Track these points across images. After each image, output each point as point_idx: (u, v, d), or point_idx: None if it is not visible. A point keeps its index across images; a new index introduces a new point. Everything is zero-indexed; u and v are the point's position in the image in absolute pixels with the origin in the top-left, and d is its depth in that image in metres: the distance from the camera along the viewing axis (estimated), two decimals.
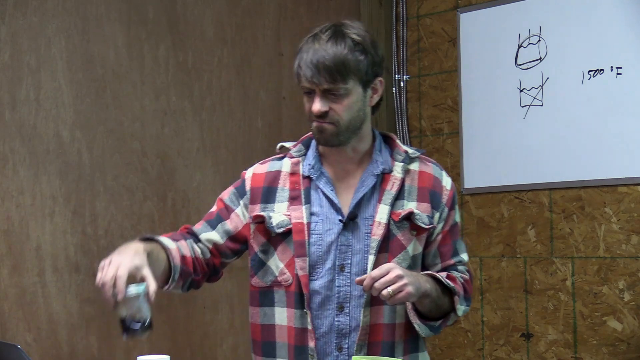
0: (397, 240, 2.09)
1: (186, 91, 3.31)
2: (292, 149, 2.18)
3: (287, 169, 2.15)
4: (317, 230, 2.09)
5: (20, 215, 2.86)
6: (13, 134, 2.86)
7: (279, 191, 2.14)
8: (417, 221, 2.10)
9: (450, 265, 2.18)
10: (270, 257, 2.12)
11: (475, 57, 3.80)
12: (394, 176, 2.12)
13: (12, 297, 2.82)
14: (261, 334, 2.15)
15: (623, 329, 3.39)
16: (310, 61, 2.02)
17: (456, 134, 3.85)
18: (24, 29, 2.89)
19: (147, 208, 3.17)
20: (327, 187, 2.11)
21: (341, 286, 2.07)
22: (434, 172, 2.19)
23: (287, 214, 2.10)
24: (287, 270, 2.09)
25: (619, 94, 3.41)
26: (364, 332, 2.06)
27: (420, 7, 3.99)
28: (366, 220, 2.09)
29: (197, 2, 3.36)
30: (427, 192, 2.14)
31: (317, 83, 2.02)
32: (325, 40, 2.03)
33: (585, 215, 3.50)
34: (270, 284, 2.12)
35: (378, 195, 2.10)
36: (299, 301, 2.08)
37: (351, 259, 2.08)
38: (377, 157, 2.13)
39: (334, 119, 2.04)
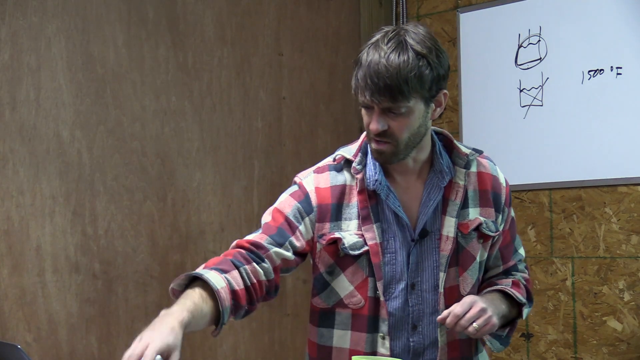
0: (467, 252, 2.01)
1: (186, 91, 3.31)
2: (354, 161, 2.02)
3: (353, 184, 2.01)
4: (390, 249, 1.99)
5: (20, 215, 2.86)
6: (13, 134, 2.86)
7: (346, 207, 2.00)
8: (484, 230, 2.02)
9: (512, 266, 2.12)
10: (335, 277, 2.01)
11: (475, 57, 3.80)
12: (457, 184, 2.01)
13: (12, 297, 2.82)
14: (317, 353, 2.07)
15: (623, 329, 3.39)
16: (370, 77, 1.87)
17: (456, 134, 3.85)
18: (24, 29, 2.89)
19: (147, 208, 3.17)
20: (395, 203, 1.99)
21: (414, 305, 2.00)
22: (491, 170, 2.09)
23: (359, 234, 1.98)
24: (357, 293, 1.98)
25: (619, 94, 3.41)
26: (443, 352, 2.00)
27: (420, 7, 3.99)
28: (432, 234, 2.00)
29: (197, 2, 3.36)
30: (489, 195, 2.05)
31: (377, 102, 1.88)
32: (386, 52, 1.87)
33: (585, 215, 3.50)
34: (333, 305, 2.02)
35: (442, 206, 2.00)
36: (372, 324, 1.98)
37: (421, 276, 2.00)
38: (441, 167, 2.01)
39: (393, 138, 1.91)
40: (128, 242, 3.11)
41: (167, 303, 3.26)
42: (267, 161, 3.54)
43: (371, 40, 1.93)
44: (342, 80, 3.93)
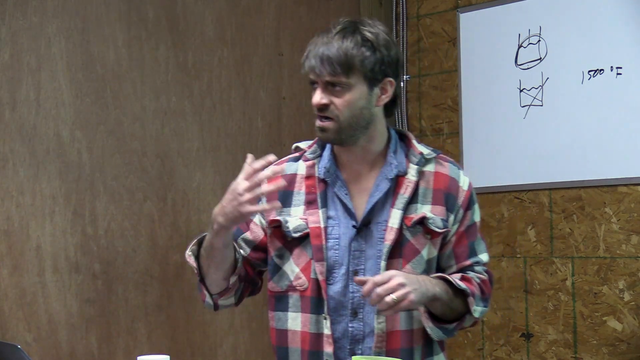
0: (411, 245, 2.05)
1: (186, 91, 3.31)
2: (308, 151, 2.13)
3: (303, 172, 2.11)
4: (333, 235, 2.05)
5: (20, 215, 2.86)
6: (13, 134, 2.86)
7: (295, 195, 2.10)
8: (430, 225, 2.06)
9: (467, 266, 2.13)
10: (285, 261, 2.09)
11: (475, 57, 3.80)
12: (408, 179, 2.07)
13: (12, 297, 2.82)
14: (276, 337, 2.13)
15: (623, 329, 3.39)
16: (315, 53, 1.99)
17: (456, 134, 3.85)
18: (24, 29, 2.89)
19: (147, 208, 3.17)
20: (342, 191, 2.07)
21: (355, 292, 2.04)
22: (450, 172, 2.13)
23: (304, 218, 2.06)
24: (302, 275, 2.06)
25: (619, 94, 3.41)
26: (380, 340, 2.03)
27: (420, 7, 3.99)
28: (379, 225, 2.05)
29: (197, 2, 3.36)
30: (442, 195, 2.09)
31: (319, 74, 1.99)
32: (334, 34, 2.00)
33: (585, 215, 3.50)
34: (286, 289, 2.09)
35: (392, 199, 2.06)
36: (315, 306, 2.05)
37: (365, 264, 2.05)
38: (392, 160, 2.08)
39: (334, 114, 2.00)
40: (128, 242, 3.11)
41: (167, 303, 3.28)
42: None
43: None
44: None
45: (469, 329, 3.78)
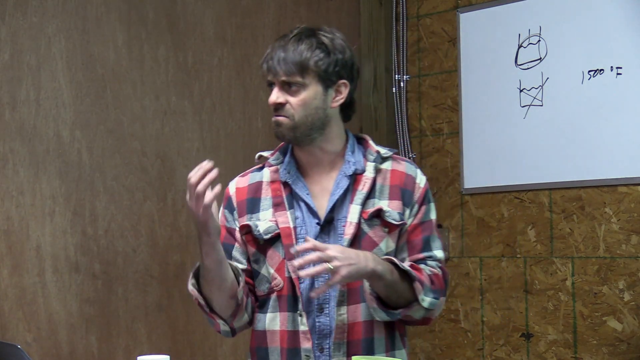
0: (369, 238, 2.13)
1: (186, 91, 3.31)
2: (270, 158, 2.22)
3: (267, 178, 2.20)
4: (302, 234, 2.13)
5: (20, 215, 2.86)
6: (13, 134, 2.86)
7: (263, 200, 2.18)
8: (387, 218, 2.13)
9: (419, 259, 2.17)
10: (262, 265, 2.17)
11: (475, 57, 3.80)
12: (366, 176, 2.16)
13: (12, 297, 2.82)
14: (255, 340, 2.19)
15: (623, 329, 3.39)
16: (272, 54, 2.10)
17: (456, 134, 3.85)
18: (24, 29, 2.89)
19: (147, 208, 3.17)
20: (303, 191, 2.16)
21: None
22: (406, 170, 2.21)
23: (273, 220, 2.14)
24: (277, 275, 2.13)
25: (619, 94, 3.41)
26: (341, 331, 2.10)
27: (420, 7, 3.99)
28: (340, 221, 2.13)
29: (197, 2, 3.36)
30: (399, 190, 2.17)
31: (275, 74, 2.09)
32: (290, 37, 2.11)
33: (585, 215, 3.50)
34: (267, 292, 2.16)
35: (351, 196, 2.14)
36: (292, 304, 2.12)
37: None
38: (349, 159, 2.17)
39: (289, 113, 2.09)
40: (128, 242, 3.11)
41: (167, 303, 3.28)
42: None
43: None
44: None
45: (469, 329, 3.78)
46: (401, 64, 4.01)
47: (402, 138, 3.98)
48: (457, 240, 3.84)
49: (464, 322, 3.81)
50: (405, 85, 4.01)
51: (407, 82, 4.01)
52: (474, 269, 3.78)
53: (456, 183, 3.86)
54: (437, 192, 3.91)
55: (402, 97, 4.01)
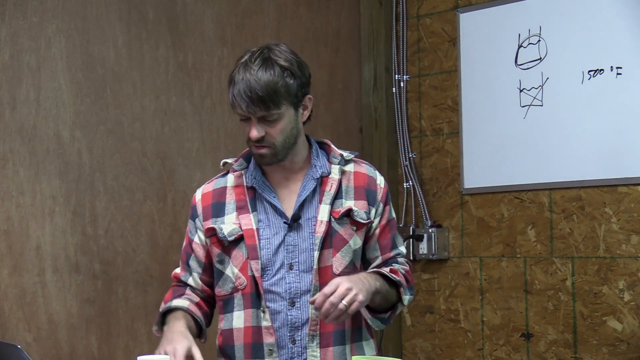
0: (339, 236, 2.25)
1: (186, 91, 3.31)
2: (235, 164, 2.32)
3: (232, 183, 2.30)
4: (264, 235, 2.24)
5: (20, 215, 2.86)
6: (13, 134, 2.86)
7: (227, 205, 2.29)
8: (355, 217, 2.27)
9: (390, 257, 2.34)
10: (226, 266, 2.27)
11: (475, 57, 3.80)
12: (332, 178, 2.28)
13: (12, 297, 2.82)
14: (222, 339, 2.31)
15: (623, 329, 3.39)
16: (244, 92, 2.19)
17: (456, 134, 3.85)
18: (24, 29, 2.89)
19: (147, 208, 3.17)
20: (270, 195, 2.27)
21: (291, 283, 2.23)
22: (367, 171, 2.35)
23: (237, 223, 2.25)
24: (241, 274, 2.24)
25: (619, 94, 3.41)
26: (314, 323, 2.22)
27: (420, 7, 3.99)
28: (309, 220, 2.25)
29: (197, 2, 3.36)
30: (363, 190, 2.30)
31: (253, 112, 2.19)
32: (255, 70, 2.20)
33: (585, 215, 3.50)
34: (231, 291, 2.27)
35: (318, 196, 2.27)
36: (255, 301, 2.23)
37: (298, 257, 2.23)
38: (316, 162, 2.29)
39: (270, 142, 2.20)
40: (128, 242, 3.11)
41: None
42: None
43: (240, 60, 2.27)
44: (342, 81, 3.93)
45: (469, 329, 3.78)
46: (401, 64, 4.01)
47: (402, 138, 3.98)
48: (457, 240, 3.84)
49: (464, 322, 3.81)
50: (405, 85, 4.01)
51: (407, 82, 4.01)
52: (474, 269, 3.78)
53: (456, 183, 3.86)
54: (437, 192, 3.91)
55: (402, 97, 4.01)
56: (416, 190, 3.93)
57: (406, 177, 3.96)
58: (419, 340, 3.93)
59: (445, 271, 3.87)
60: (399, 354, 3.93)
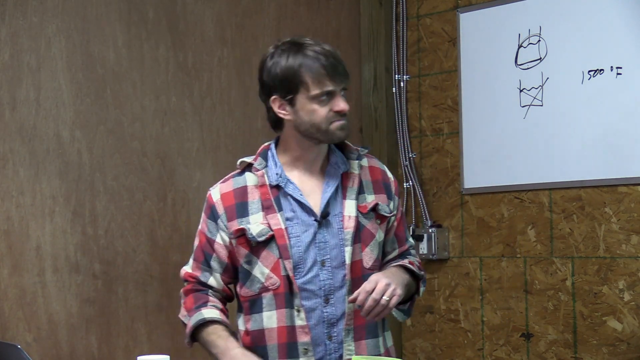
0: (367, 230, 2.27)
1: (186, 91, 3.31)
2: (255, 163, 2.30)
3: (253, 182, 2.27)
4: (294, 234, 2.23)
5: (20, 215, 2.86)
6: (13, 134, 2.86)
7: (250, 204, 2.25)
8: (380, 211, 2.30)
9: (405, 250, 2.40)
10: (254, 266, 2.25)
11: (475, 57, 3.80)
12: (352, 173, 2.29)
13: (12, 297, 2.82)
14: (251, 340, 2.27)
15: (623, 329, 3.39)
16: (332, 64, 2.19)
17: (456, 134, 3.85)
18: (24, 29, 2.89)
19: (147, 208, 3.17)
20: (296, 192, 2.25)
21: (325, 279, 2.23)
22: (379, 166, 2.38)
23: (265, 223, 2.23)
24: (273, 275, 2.22)
25: (619, 94, 3.40)
26: (350, 318, 2.23)
27: (420, 7, 3.99)
28: (336, 217, 2.25)
29: (197, 2, 3.36)
30: (381, 184, 2.34)
31: (341, 82, 2.21)
32: (317, 43, 2.22)
33: (585, 215, 3.50)
34: (259, 291, 2.24)
35: (342, 192, 2.27)
36: (288, 301, 2.21)
37: (329, 253, 2.23)
38: (336, 159, 2.30)
39: (346, 115, 2.24)
40: (128, 242, 3.11)
41: (167, 303, 3.27)
42: None
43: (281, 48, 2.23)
44: None
45: (469, 329, 3.78)
46: (401, 64, 4.01)
47: (402, 138, 3.98)
48: (457, 240, 3.84)
49: (464, 322, 3.80)
50: (405, 85, 4.01)
51: (407, 82, 4.01)
52: (474, 269, 3.78)
53: (456, 183, 3.86)
54: (437, 192, 3.91)
55: (402, 97, 4.01)
56: (416, 190, 3.93)
57: (406, 177, 3.96)
58: (419, 340, 3.93)
59: (445, 271, 3.87)
60: (399, 354, 3.93)
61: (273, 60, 2.23)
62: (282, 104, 2.24)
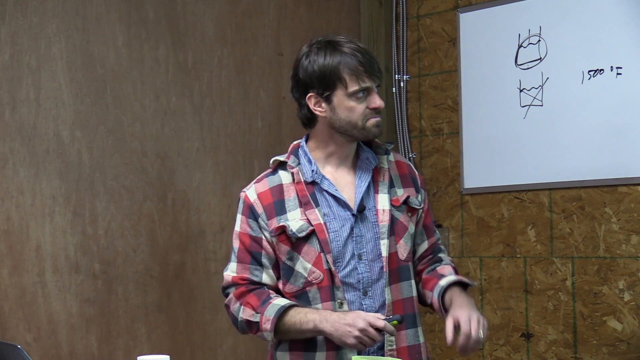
0: (400, 223, 2.31)
1: (186, 91, 3.31)
2: (289, 161, 2.32)
3: (288, 180, 2.30)
4: (332, 228, 2.26)
5: (20, 215, 2.86)
6: (13, 134, 2.86)
7: (287, 202, 2.28)
8: (411, 204, 2.34)
9: (434, 243, 2.43)
10: (296, 261, 2.27)
11: (475, 57, 3.80)
12: (382, 168, 2.33)
13: (12, 297, 2.83)
14: None
15: (623, 329, 3.39)
16: (368, 60, 2.22)
17: (456, 134, 3.85)
18: (24, 29, 2.89)
19: (147, 208, 3.17)
20: (332, 187, 2.28)
21: (362, 272, 2.26)
22: (405, 160, 2.43)
23: (304, 219, 2.25)
24: (315, 269, 2.25)
25: (619, 94, 3.41)
26: (389, 309, 2.27)
27: (420, 7, 3.99)
28: (370, 211, 2.28)
29: (197, 2, 3.36)
30: (409, 178, 2.38)
31: (377, 79, 2.25)
32: (352, 41, 2.25)
33: (585, 215, 3.50)
34: (303, 286, 2.26)
35: (373, 187, 2.31)
36: (333, 293, 2.24)
37: (365, 247, 2.27)
38: (366, 154, 2.34)
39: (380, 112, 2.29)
40: (128, 242, 3.11)
41: (167, 303, 3.28)
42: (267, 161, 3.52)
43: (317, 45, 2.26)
44: None
45: None
46: (401, 64, 4.02)
47: (402, 138, 3.98)
48: (457, 240, 3.84)
49: None
50: (405, 85, 4.01)
51: (407, 82, 4.01)
52: (474, 269, 3.78)
53: (456, 183, 3.86)
54: (437, 192, 3.91)
55: (402, 97, 4.01)
56: None
57: None
58: None
59: None
60: None
61: (310, 59, 2.26)
62: (319, 100, 2.26)
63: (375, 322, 2.11)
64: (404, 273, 2.31)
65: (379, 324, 2.11)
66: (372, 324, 2.11)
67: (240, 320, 2.29)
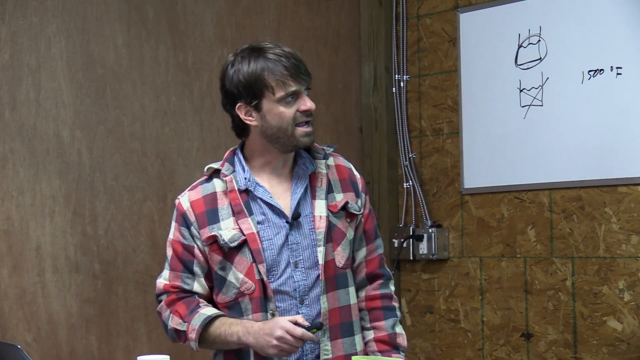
0: (338, 229, 2.27)
1: (186, 91, 3.31)
2: (222, 169, 2.28)
3: (221, 188, 2.27)
4: (266, 237, 2.23)
5: (20, 215, 2.86)
6: (13, 134, 2.86)
7: (220, 210, 2.25)
8: (350, 209, 2.29)
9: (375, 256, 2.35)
10: (229, 271, 2.24)
11: (475, 57, 3.80)
12: (320, 173, 2.29)
13: (12, 297, 2.83)
14: None
15: (623, 329, 3.39)
16: (293, 64, 2.19)
17: (456, 134, 3.85)
18: (24, 29, 2.89)
19: (147, 208, 3.17)
20: (266, 195, 2.25)
21: (299, 281, 2.23)
22: (345, 164, 2.38)
23: (236, 228, 2.22)
24: (247, 279, 2.21)
25: (619, 94, 3.41)
26: (325, 318, 2.23)
27: (420, 7, 3.99)
28: (306, 217, 2.25)
29: (197, 2, 3.36)
30: (348, 182, 2.33)
31: (304, 82, 2.20)
32: (277, 46, 2.23)
33: (585, 215, 3.50)
34: (235, 296, 2.24)
35: (311, 193, 2.27)
36: (264, 304, 2.21)
37: (302, 254, 2.24)
38: (303, 160, 2.29)
39: (310, 117, 2.23)
40: (128, 242, 3.11)
41: None
42: None
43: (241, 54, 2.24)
44: (342, 81, 3.93)
45: (469, 329, 3.78)
46: (401, 64, 4.01)
47: (402, 138, 3.98)
48: (457, 240, 3.84)
49: (464, 322, 3.81)
50: (405, 85, 4.01)
51: (407, 82, 4.01)
52: (474, 269, 3.78)
53: (456, 183, 3.86)
54: (437, 192, 3.91)
55: (402, 97, 4.01)
56: (416, 190, 3.93)
57: (406, 177, 3.96)
58: (419, 340, 3.93)
59: (445, 271, 3.87)
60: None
61: (234, 68, 2.22)
62: (248, 110, 2.23)
63: (293, 331, 2.08)
64: (341, 280, 2.27)
65: (297, 332, 2.08)
66: (289, 332, 2.07)
67: (170, 329, 2.27)
